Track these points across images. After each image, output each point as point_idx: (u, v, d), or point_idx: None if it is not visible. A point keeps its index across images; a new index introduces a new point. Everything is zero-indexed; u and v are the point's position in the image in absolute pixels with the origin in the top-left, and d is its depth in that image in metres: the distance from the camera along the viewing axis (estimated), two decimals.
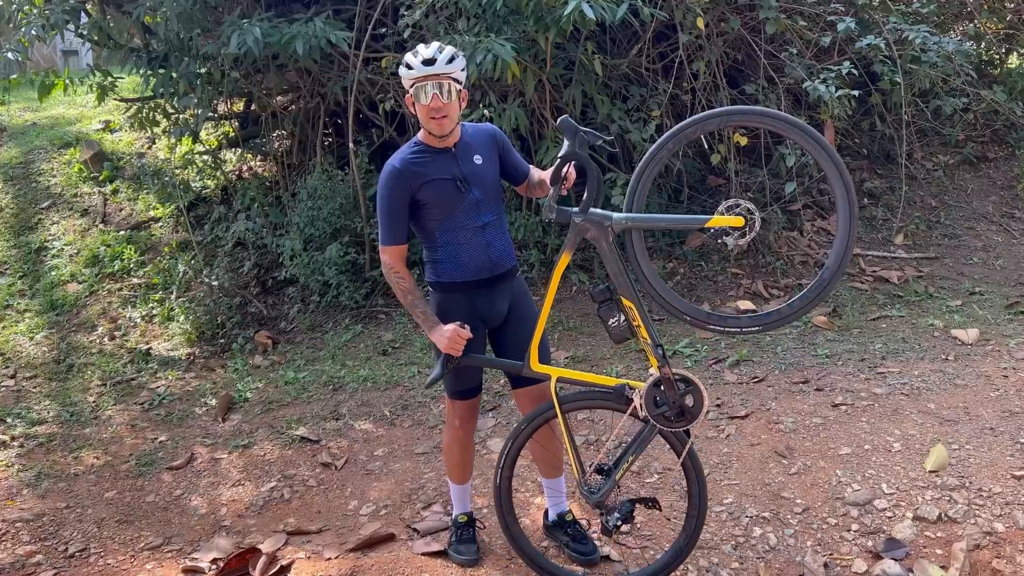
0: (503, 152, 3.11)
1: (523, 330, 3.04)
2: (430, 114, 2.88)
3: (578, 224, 2.76)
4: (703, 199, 6.93)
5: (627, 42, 6.26)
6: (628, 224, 2.73)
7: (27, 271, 7.11)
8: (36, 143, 9.07)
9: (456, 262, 3.00)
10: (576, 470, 2.90)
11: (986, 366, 4.51)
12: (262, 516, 3.82)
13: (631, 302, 2.77)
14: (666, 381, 2.75)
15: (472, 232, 2.97)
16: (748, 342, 5.17)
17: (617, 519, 2.84)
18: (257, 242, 6.84)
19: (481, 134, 3.07)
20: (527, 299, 3.16)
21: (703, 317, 2.82)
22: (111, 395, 5.44)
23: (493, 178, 3.04)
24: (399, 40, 5.78)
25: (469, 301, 3.03)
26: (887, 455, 3.70)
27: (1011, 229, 6.80)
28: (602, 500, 2.87)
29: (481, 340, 3.09)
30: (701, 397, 2.76)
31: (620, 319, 2.80)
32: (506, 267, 3.05)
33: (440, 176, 2.93)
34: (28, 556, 3.57)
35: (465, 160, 2.98)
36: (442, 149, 2.97)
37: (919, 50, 5.77)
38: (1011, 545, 3.10)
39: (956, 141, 7.72)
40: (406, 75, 2.87)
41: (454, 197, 2.94)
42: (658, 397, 2.77)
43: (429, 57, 2.82)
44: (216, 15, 6.18)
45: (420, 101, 2.87)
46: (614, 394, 2.86)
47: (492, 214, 3.01)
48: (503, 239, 3.06)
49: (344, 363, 5.44)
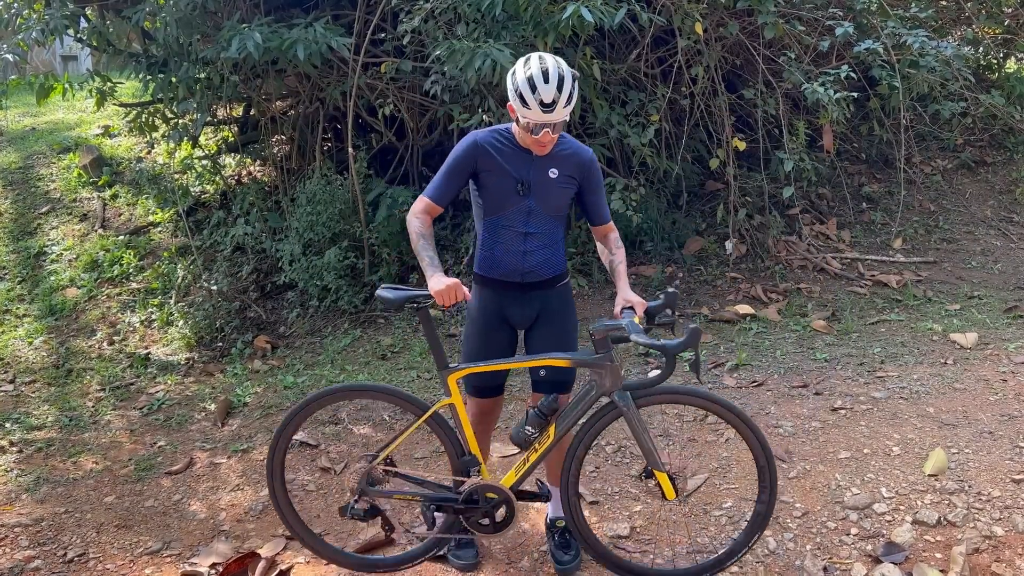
0: (585, 183, 3.02)
1: (550, 331, 3.04)
2: (536, 144, 2.86)
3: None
4: (701, 204, 6.95)
5: (626, 47, 6.28)
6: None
7: (26, 276, 7.11)
8: (35, 148, 9.07)
9: (491, 256, 3.00)
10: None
11: (985, 370, 4.51)
12: (261, 520, 3.81)
13: (550, 443, 2.89)
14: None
15: (515, 235, 2.96)
16: (747, 346, 5.18)
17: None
18: (256, 247, 6.84)
19: (572, 155, 2.99)
20: (564, 305, 3.10)
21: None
22: (110, 400, 5.44)
23: (559, 196, 2.98)
24: (398, 45, 5.79)
25: (499, 300, 3.03)
26: (886, 459, 3.70)
27: (1009, 233, 6.81)
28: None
29: (505, 343, 3.08)
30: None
31: (532, 432, 2.91)
32: (543, 278, 3.02)
33: (507, 170, 2.92)
34: (27, 561, 3.56)
35: (539, 168, 2.94)
36: (525, 150, 2.95)
37: (917, 55, 5.79)
38: (1010, 549, 3.10)
39: (954, 145, 7.74)
40: (521, 111, 2.78)
41: (510, 196, 2.93)
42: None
43: (549, 102, 2.72)
44: (215, 20, 6.18)
45: (531, 134, 2.81)
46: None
47: (542, 227, 2.97)
48: (546, 252, 3.00)
49: (343, 368, 5.44)
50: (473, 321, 3.10)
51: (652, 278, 6.04)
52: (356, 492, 2.98)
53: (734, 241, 6.25)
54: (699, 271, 6.24)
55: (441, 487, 3.04)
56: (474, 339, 3.09)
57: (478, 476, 2.98)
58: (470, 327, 3.11)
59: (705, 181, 7.03)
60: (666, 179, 6.51)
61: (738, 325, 5.56)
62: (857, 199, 7.13)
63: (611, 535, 3.40)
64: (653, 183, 6.49)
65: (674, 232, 6.52)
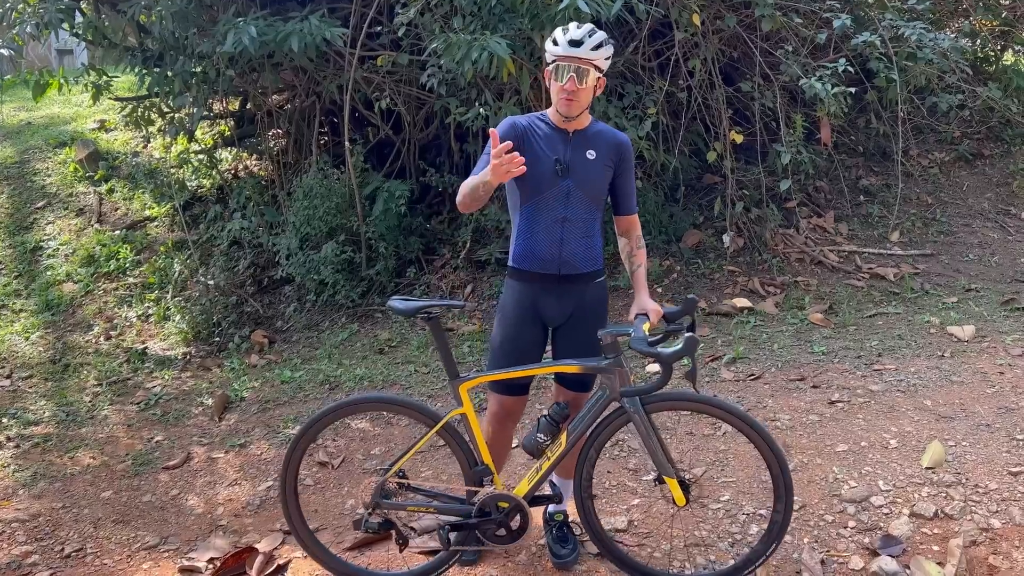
0: (620, 167, 3.00)
1: (583, 335, 2.99)
2: (561, 93, 2.85)
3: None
4: (699, 197, 6.94)
5: (623, 39, 6.26)
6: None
7: (23, 271, 7.10)
8: (31, 143, 9.04)
9: (528, 246, 2.96)
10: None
11: (982, 363, 4.51)
12: (259, 515, 3.81)
13: (562, 451, 2.88)
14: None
15: (552, 221, 2.92)
16: (745, 339, 5.18)
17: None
18: (253, 241, 6.83)
19: (609, 137, 2.99)
20: (598, 306, 3.05)
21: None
22: (107, 395, 5.43)
23: (597, 178, 2.95)
24: (394, 38, 5.77)
25: (533, 295, 2.99)
26: (884, 452, 3.71)
27: (1007, 226, 6.81)
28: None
29: (537, 340, 3.04)
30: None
31: (544, 440, 2.89)
32: (579, 271, 2.97)
33: (545, 150, 2.91)
34: (24, 556, 3.56)
35: (577, 148, 2.93)
36: (561, 130, 2.95)
37: (915, 47, 5.78)
38: (1007, 541, 3.11)
39: (952, 138, 7.74)
40: (551, 50, 2.84)
41: (548, 176, 2.90)
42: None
43: (577, 39, 2.79)
44: (211, 14, 6.16)
45: (556, 80, 2.84)
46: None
47: (580, 212, 2.93)
48: (583, 243, 2.96)
49: (340, 362, 5.44)
50: (505, 316, 3.04)
51: (650, 271, 6.04)
52: (370, 505, 2.97)
53: (732, 234, 6.24)
54: (696, 264, 6.23)
55: (454, 499, 3.03)
56: (505, 335, 3.03)
57: (491, 486, 2.97)
58: (501, 323, 3.05)
59: (702, 174, 7.02)
60: (663, 172, 6.49)
61: (735, 318, 5.56)
62: (854, 192, 7.13)
63: (608, 528, 3.40)
64: (650, 176, 6.48)
65: (671, 225, 6.52)
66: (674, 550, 3.25)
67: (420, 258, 6.48)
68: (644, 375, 4.82)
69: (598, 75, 2.86)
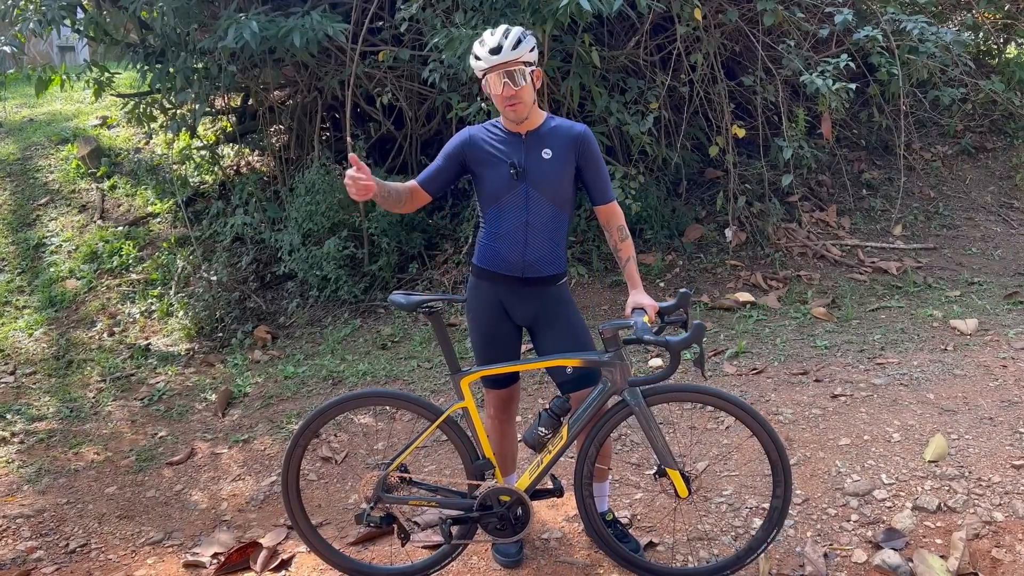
0: (582, 158, 2.95)
1: (560, 332, 2.98)
2: (504, 102, 2.83)
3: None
4: (701, 192, 6.94)
5: (624, 34, 6.25)
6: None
7: (25, 267, 7.11)
8: (33, 139, 9.05)
9: (492, 248, 2.95)
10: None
11: (985, 356, 4.51)
12: (263, 510, 3.82)
13: (563, 444, 2.88)
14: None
15: (515, 226, 2.91)
16: (747, 334, 5.18)
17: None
18: (255, 237, 6.84)
19: (565, 131, 2.95)
20: (564, 307, 3.02)
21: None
22: (111, 391, 5.44)
23: (556, 177, 2.91)
24: (396, 34, 5.77)
25: (495, 293, 3.00)
26: (886, 445, 3.71)
27: (1010, 219, 6.80)
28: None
29: (512, 337, 3.05)
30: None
31: (545, 434, 2.89)
32: (542, 274, 2.96)
33: (499, 157, 2.90)
34: (29, 552, 3.57)
35: (532, 150, 2.90)
36: (514, 134, 2.93)
37: (917, 41, 5.76)
38: (1010, 534, 3.11)
39: (954, 132, 7.72)
40: (476, 65, 2.83)
41: (506, 181, 2.89)
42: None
43: (495, 46, 2.77)
44: (212, 10, 6.16)
45: (492, 91, 2.83)
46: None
47: (542, 215, 2.91)
48: (546, 245, 2.94)
49: (343, 357, 5.44)
50: (477, 318, 3.06)
51: (652, 266, 6.04)
52: (371, 500, 2.98)
53: (734, 229, 6.24)
54: (699, 259, 6.23)
55: (455, 493, 3.04)
56: (481, 334, 3.06)
57: (492, 480, 2.98)
58: (475, 324, 3.07)
59: (704, 169, 7.02)
60: (665, 167, 6.49)
61: (738, 313, 5.56)
62: (857, 186, 7.12)
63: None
64: (652, 171, 6.48)
65: (674, 220, 6.51)
66: (677, 544, 3.26)
67: (422, 254, 6.49)
68: (645, 371, 4.82)
69: (530, 69, 2.83)
